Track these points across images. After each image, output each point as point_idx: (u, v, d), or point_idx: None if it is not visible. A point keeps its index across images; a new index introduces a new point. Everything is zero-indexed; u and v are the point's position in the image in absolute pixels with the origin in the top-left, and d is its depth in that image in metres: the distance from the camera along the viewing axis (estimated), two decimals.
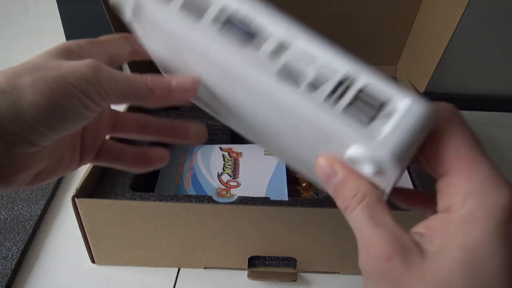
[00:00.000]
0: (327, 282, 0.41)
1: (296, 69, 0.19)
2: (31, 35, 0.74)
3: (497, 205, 0.16)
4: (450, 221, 0.17)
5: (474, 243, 0.16)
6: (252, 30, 0.20)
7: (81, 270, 0.42)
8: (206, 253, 0.41)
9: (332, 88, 0.19)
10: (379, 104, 0.18)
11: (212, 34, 0.20)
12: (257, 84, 0.20)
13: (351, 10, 0.58)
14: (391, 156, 0.17)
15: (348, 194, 0.19)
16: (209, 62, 0.21)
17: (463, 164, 0.17)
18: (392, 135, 0.17)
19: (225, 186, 0.46)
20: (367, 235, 0.19)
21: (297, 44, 0.20)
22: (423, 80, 0.55)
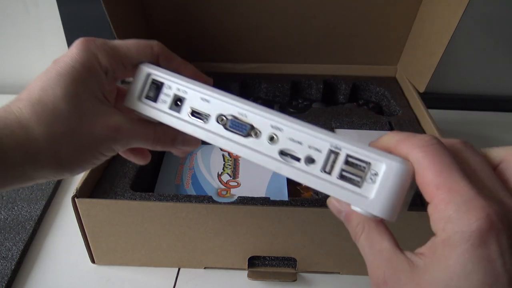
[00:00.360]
0: (327, 282, 0.41)
1: (291, 150, 0.24)
2: (31, 35, 0.74)
3: (470, 229, 0.18)
4: (436, 244, 0.20)
5: (453, 265, 0.18)
6: (248, 125, 0.25)
7: (81, 270, 0.42)
8: (206, 253, 0.41)
9: (324, 161, 0.23)
10: (364, 167, 0.22)
11: (221, 130, 0.26)
12: (265, 164, 0.25)
13: (351, 10, 0.58)
14: (380, 213, 0.22)
15: (354, 225, 0.24)
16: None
17: (442, 193, 0.20)
18: (379, 197, 0.22)
19: (225, 186, 0.46)
20: (369, 262, 0.22)
21: (285, 131, 0.25)
22: (423, 80, 0.55)
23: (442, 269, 0.19)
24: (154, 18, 0.60)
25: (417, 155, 0.21)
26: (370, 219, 0.23)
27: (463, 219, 0.19)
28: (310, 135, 0.24)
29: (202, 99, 0.27)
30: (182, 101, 0.27)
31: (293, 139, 0.24)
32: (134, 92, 0.28)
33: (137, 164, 0.35)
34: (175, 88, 0.28)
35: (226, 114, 0.26)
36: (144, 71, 0.28)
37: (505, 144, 0.22)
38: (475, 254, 0.18)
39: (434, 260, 0.19)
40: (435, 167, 0.20)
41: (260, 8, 0.58)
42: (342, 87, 0.63)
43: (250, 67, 0.64)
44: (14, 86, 0.80)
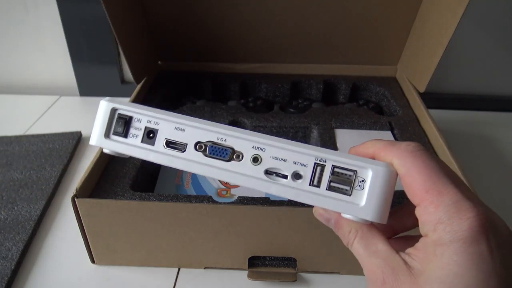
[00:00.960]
0: (327, 282, 0.41)
1: (277, 168, 0.24)
2: (31, 35, 0.74)
3: (461, 228, 0.19)
4: (428, 245, 0.20)
5: (447, 263, 0.19)
6: (229, 149, 0.25)
7: (81, 270, 0.42)
8: (206, 253, 0.41)
9: (311, 174, 0.24)
10: (350, 175, 0.23)
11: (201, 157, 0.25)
12: (253, 185, 0.25)
13: (351, 10, 0.58)
14: (373, 217, 0.22)
15: (345, 232, 0.24)
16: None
17: (431, 196, 0.20)
18: (370, 202, 0.22)
19: (225, 186, 0.46)
20: (366, 265, 0.23)
21: (267, 150, 0.25)
22: (423, 80, 0.55)
23: (436, 268, 0.19)
24: (154, 18, 0.60)
25: (406, 160, 0.22)
26: (362, 225, 0.24)
27: (454, 219, 0.19)
28: (293, 151, 0.24)
29: (176, 128, 0.26)
30: (155, 133, 0.26)
31: (277, 157, 0.24)
32: (101, 129, 0.27)
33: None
34: (145, 121, 0.26)
35: (204, 141, 0.25)
36: (108, 107, 0.27)
37: (505, 144, 0.22)
38: (467, 251, 0.19)
39: (428, 260, 0.20)
40: (425, 171, 0.21)
41: (260, 8, 0.58)
42: (342, 87, 0.63)
43: (250, 67, 0.65)
44: (14, 86, 0.80)
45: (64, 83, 0.79)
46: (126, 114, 0.27)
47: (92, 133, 0.27)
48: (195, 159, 0.25)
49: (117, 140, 0.27)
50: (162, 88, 0.60)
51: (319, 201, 0.24)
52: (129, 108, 0.27)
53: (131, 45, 0.56)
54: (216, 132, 0.25)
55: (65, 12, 0.69)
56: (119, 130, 0.27)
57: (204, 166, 0.25)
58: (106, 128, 0.27)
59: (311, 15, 0.59)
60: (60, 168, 0.55)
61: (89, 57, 0.74)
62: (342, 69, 0.64)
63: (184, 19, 0.60)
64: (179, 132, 0.26)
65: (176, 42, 0.63)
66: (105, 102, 0.27)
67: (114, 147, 0.27)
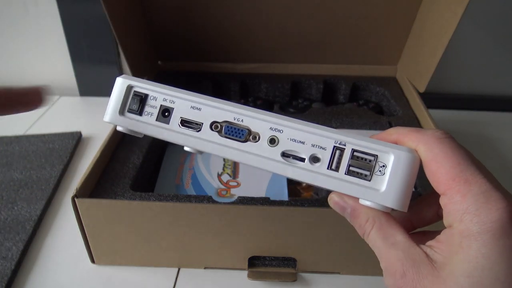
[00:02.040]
0: (327, 282, 0.41)
1: (294, 151, 0.24)
2: (31, 35, 0.74)
3: (490, 219, 0.18)
4: (453, 236, 0.19)
5: (475, 255, 0.18)
6: (245, 130, 0.24)
7: (81, 270, 0.42)
8: (206, 253, 0.41)
9: (330, 158, 0.23)
10: (371, 160, 0.22)
11: (216, 137, 0.25)
12: (269, 168, 0.24)
13: (351, 10, 0.58)
14: (394, 204, 0.21)
15: (362, 221, 0.23)
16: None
17: (458, 185, 0.19)
18: (390, 188, 0.21)
19: (225, 186, 0.46)
20: (384, 256, 0.22)
21: (285, 132, 0.24)
22: (423, 80, 0.55)
23: (463, 260, 0.18)
24: (154, 18, 0.60)
25: (433, 146, 0.21)
26: (380, 213, 0.22)
27: (482, 210, 0.18)
28: (312, 134, 0.23)
29: (192, 107, 0.25)
30: (170, 111, 0.26)
31: (295, 139, 0.23)
32: (115, 106, 0.26)
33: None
34: (161, 99, 0.26)
35: (220, 121, 0.25)
36: (124, 84, 0.27)
37: (505, 144, 0.22)
38: (497, 244, 0.18)
39: (453, 253, 0.19)
40: (453, 158, 0.20)
41: (260, 8, 0.58)
42: (342, 87, 0.63)
43: (250, 67, 0.64)
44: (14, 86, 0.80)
45: (64, 83, 0.78)
46: (142, 91, 0.26)
47: (106, 110, 0.27)
48: (210, 139, 0.25)
49: (132, 117, 0.26)
50: None
51: (336, 185, 0.23)
52: (145, 86, 0.26)
53: (131, 45, 0.56)
54: (233, 112, 0.25)
55: (65, 12, 0.69)
56: (134, 108, 0.26)
57: (219, 146, 0.25)
58: (121, 105, 0.26)
59: (311, 15, 0.59)
60: (60, 168, 0.55)
61: (89, 57, 0.74)
62: (342, 69, 0.64)
63: (184, 19, 0.60)
64: (195, 111, 0.25)
65: (176, 42, 0.63)
66: (121, 79, 0.27)
67: (128, 124, 0.26)
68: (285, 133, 0.24)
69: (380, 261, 0.22)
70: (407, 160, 0.21)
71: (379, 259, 0.22)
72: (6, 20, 0.72)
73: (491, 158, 0.61)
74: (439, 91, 0.76)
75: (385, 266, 0.21)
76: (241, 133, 0.24)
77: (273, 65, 0.64)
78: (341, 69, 0.64)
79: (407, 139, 0.22)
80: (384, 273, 0.22)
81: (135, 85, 0.27)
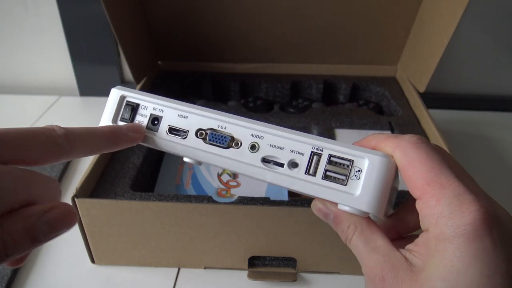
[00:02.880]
0: (327, 282, 0.41)
1: (273, 156, 0.24)
2: (31, 35, 0.74)
3: (463, 223, 0.18)
4: (429, 240, 0.20)
5: (450, 259, 0.18)
6: (228, 137, 0.25)
7: (81, 270, 0.42)
8: (206, 253, 0.41)
9: (308, 163, 0.23)
10: (347, 165, 0.23)
11: (201, 144, 0.26)
12: (249, 173, 0.25)
13: (351, 10, 0.58)
14: (368, 207, 0.22)
15: (344, 226, 0.23)
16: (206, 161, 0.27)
17: (433, 189, 0.20)
18: (365, 192, 0.22)
19: (225, 186, 0.46)
20: (365, 261, 0.22)
21: (265, 138, 0.25)
22: (423, 80, 0.55)
23: (438, 264, 0.19)
24: (154, 18, 0.60)
25: (408, 151, 0.21)
26: (361, 219, 0.23)
27: (456, 213, 0.19)
28: (291, 140, 0.24)
29: (179, 116, 0.27)
30: (159, 120, 0.27)
31: (275, 145, 0.24)
32: (109, 114, 0.28)
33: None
34: (151, 108, 0.28)
35: (205, 128, 0.26)
36: (117, 94, 0.28)
37: (505, 144, 0.22)
38: (471, 247, 0.18)
39: (429, 256, 0.19)
40: (428, 163, 0.20)
41: (260, 8, 0.58)
42: (342, 87, 0.63)
43: (250, 67, 0.65)
44: (14, 86, 0.80)
45: (64, 83, 0.79)
46: (133, 101, 0.28)
47: (101, 118, 0.29)
48: (195, 146, 0.26)
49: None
50: (162, 88, 0.60)
51: (313, 190, 0.23)
52: (136, 96, 0.28)
53: (131, 45, 0.56)
54: (217, 120, 0.26)
55: (65, 12, 0.69)
56: (126, 116, 0.28)
57: (203, 153, 0.26)
58: (114, 113, 0.28)
59: (311, 15, 0.59)
60: (60, 168, 0.55)
61: (89, 57, 0.74)
62: (342, 69, 0.64)
63: (184, 19, 0.60)
64: (182, 119, 0.27)
65: (176, 42, 0.63)
66: (116, 89, 0.28)
67: None
68: (265, 140, 0.25)
69: (361, 266, 0.22)
70: (381, 165, 0.22)
71: (361, 264, 0.22)
72: (6, 20, 0.72)
73: (491, 158, 0.61)
74: (439, 91, 0.76)
75: (366, 271, 0.22)
76: (224, 140, 0.25)
77: (273, 65, 0.64)
78: (341, 69, 0.64)
79: (384, 145, 0.23)
80: (365, 278, 0.22)
81: (127, 96, 0.28)
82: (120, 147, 0.26)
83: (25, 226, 0.19)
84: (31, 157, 0.21)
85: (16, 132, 0.20)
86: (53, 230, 0.20)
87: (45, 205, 0.20)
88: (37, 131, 0.21)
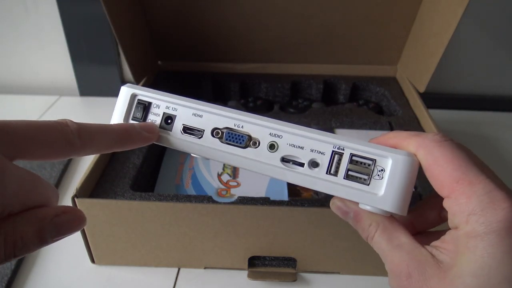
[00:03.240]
0: (327, 282, 0.41)
1: (293, 156, 0.24)
2: (31, 35, 0.74)
3: (495, 219, 0.18)
4: (459, 237, 0.19)
5: (481, 255, 0.18)
6: (245, 136, 0.25)
7: (81, 270, 0.42)
8: (206, 253, 0.41)
9: (329, 162, 0.23)
10: (369, 164, 0.22)
11: (217, 144, 0.25)
12: (269, 173, 0.24)
13: (351, 10, 0.58)
14: (392, 208, 0.21)
15: (365, 225, 0.23)
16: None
17: (462, 187, 0.20)
18: (389, 192, 0.22)
19: (225, 186, 0.46)
20: (389, 258, 0.22)
21: (284, 137, 0.24)
22: (423, 80, 0.55)
23: (469, 261, 0.19)
24: (154, 18, 0.60)
25: (433, 150, 0.21)
26: (383, 217, 0.23)
27: (488, 210, 0.19)
28: (311, 139, 0.23)
29: (194, 114, 0.26)
30: (173, 119, 0.26)
31: (294, 145, 0.24)
32: (120, 114, 0.27)
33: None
34: (164, 107, 0.27)
35: (221, 127, 0.25)
36: (128, 92, 0.27)
37: (505, 144, 0.22)
38: (503, 243, 0.18)
39: (459, 253, 0.19)
40: (454, 161, 0.20)
41: (260, 8, 0.58)
42: (342, 87, 0.63)
43: (250, 67, 0.65)
44: (14, 86, 0.80)
45: (64, 83, 0.79)
46: (145, 99, 0.27)
47: (111, 118, 0.27)
48: (211, 146, 0.25)
49: None
50: (162, 88, 0.60)
51: (335, 190, 0.23)
52: (148, 94, 0.27)
53: (131, 45, 0.56)
54: (233, 119, 0.25)
55: (65, 12, 0.69)
56: (138, 116, 0.27)
57: (221, 153, 0.25)
58: (125, 113, 0.27)
59: (311, 15, 0.59)
60: (60, 168, 0.55)
61: (89, 57, 0.74)
62: (342, 69, 0.64)
63: (184, 19, 0.60)
64: (196, 118, 0.26)
65: (176, 42, 0.63)
66: (126, 88, 0.27)
67: None
68: (284, 139, 0.24)
69: (385, 263, 0.22)
70: (405, 164, 0.21)
71: (384, 261, 0.22)
72: (6, 20, 0.72)
73: (491, 158, 0.61)
74: (439, 91, 0.76)
75: (390, 267, 0.21)
76: (242, 139, 0.25)
77: (273, 65, 0.64)
78: (341, 69, 0.64)
79: (407, 143, 0.22)
80: (389, 275, 0.22)
81: (139, 94, 0.27)
82: (132, 146, 0.25)
83: (37, 229, 0.19)
84: (40, 152, 0.20)
85: (28, 125, 0.20)
86: (62, 233, 0.20)
87: (57, 208, 0.20)
88: (50, 126, 0.20)
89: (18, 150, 0.19)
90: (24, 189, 0.19)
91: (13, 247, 0.18)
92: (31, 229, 0.18)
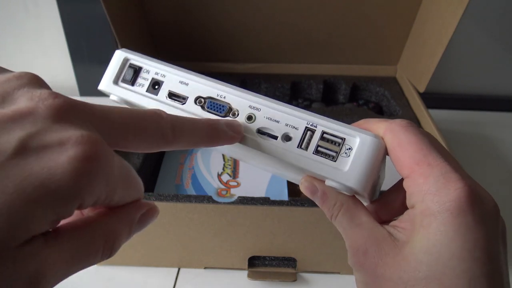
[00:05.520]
0: (327, 282, 0.41)
1: (268, 128, 0.25)
2: (31, 35, 0.74)
3: (449, 199, 0.19)
4: (415, 216, 0.21)
5: (434, 233, 0.19)
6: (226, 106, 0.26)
7: (81, 270, 0.42)
8: (206, 253, 0.41)
9: (301, 137, 0.24)
10: (338, 142, 0.23)
11: (199, 111, 0.26)
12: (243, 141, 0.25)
13: (351, 10, 0.58)
14: (355, 184, 0.22)
15: (330, 204, 0.24)
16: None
17: (421, 168, 0.21)
18: (353, 169, 0.23)
19: (225, 186, 0.46)
20: (349, 235, 0.23)
21: (262, 110, 0.25)
22: (423, 80, 0.55)
23: (422, 238, 0.20)
24: (154, 18, 0.60)
25: (398, 133, 0.22)
26: (348, 197, 0.24)
27: (442, 190, 0.20)
28: (287, 114, 0.25)
29: (180, 82, 0.27)
30: (160, 84, 0.28)
31: (271, 118, 0.25)
32: (111, 75, 0.29)
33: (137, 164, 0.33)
34: (153, 72, 0.28)
35: (204, 96, 0.27)
36: (121, 55, 0.29)
37: (505, 144, 0.22)
38: (455, 222, 0.19)
39: (414, 231, 0.20)
40: (416, 144, 0.21)
41: (260, 8, 0.58)
42: (342, 87, 0.63)
43: (250, 67, 0.65)
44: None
45: (64, 83, 0.79)
46: (136, 64, 0.28)
47: (102, 79, 0.29)
48: (193, 112, 0.26)
49: (124, 87, 0.28)
50: None
51: (304, 162, 0.24)
52: (140, 59, 0.28)
53: (131, 45, 0.56)
54: (217, 89, 0.27)
55: (65, 12, 0.69)
56: (128, 78, 0.28)
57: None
58: (116, 75, 0.29)
59: (311, 15, 0.59)
60: None
61: (89, 57, 0.74)
62: (342, 69, 0.64)
63: (184, 19, 0.60)
64: (182, 85, 0.27)
65: (176, 42, 0.63)
66: (120, 51, 0.29)
67: (120, 93, 0.28)
68: (262, 112, 0.25)
69: (345, 241, 0.23)
70: (371, 144, 0.23)
71: (345, 239, 0.23)
72: (6, 20, 0.72)
73: (491, 158, 0.61)
74: (439, 91, 0.76)
75: (349, 244, 0.23)
76: (222, 109, 0.26)
77: (273, 65, 0.64)
78: (341, 69, 0.64)
79: (376, 127, 0.24)
80: (348, 252, 0.23)
81: (131, 58, 0.29)
82: (216, 145, 0.25)
83: (129, 229, 0.18)
84: (135, 143, 0.19)
85: (129, 113, 0.18)
86: (143, 228, 0.20)
87: (142, 206, 0.19)
88: (148, 115, 0.19)
89: (115, 140, 0.18)
90: (125, 182, 0.18)
91: (110, 250, 0.17)
92: (126, 230, 0.18)
